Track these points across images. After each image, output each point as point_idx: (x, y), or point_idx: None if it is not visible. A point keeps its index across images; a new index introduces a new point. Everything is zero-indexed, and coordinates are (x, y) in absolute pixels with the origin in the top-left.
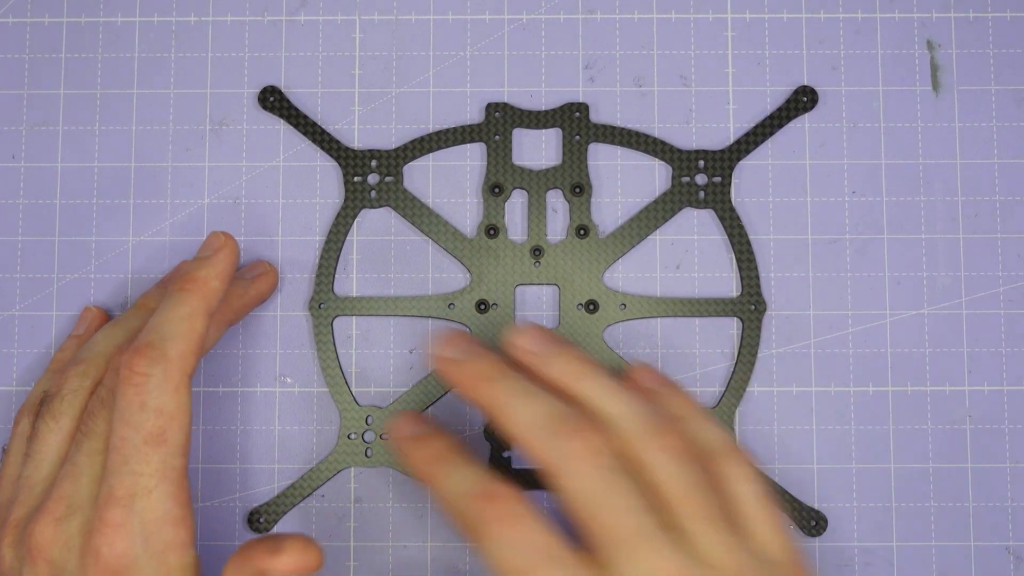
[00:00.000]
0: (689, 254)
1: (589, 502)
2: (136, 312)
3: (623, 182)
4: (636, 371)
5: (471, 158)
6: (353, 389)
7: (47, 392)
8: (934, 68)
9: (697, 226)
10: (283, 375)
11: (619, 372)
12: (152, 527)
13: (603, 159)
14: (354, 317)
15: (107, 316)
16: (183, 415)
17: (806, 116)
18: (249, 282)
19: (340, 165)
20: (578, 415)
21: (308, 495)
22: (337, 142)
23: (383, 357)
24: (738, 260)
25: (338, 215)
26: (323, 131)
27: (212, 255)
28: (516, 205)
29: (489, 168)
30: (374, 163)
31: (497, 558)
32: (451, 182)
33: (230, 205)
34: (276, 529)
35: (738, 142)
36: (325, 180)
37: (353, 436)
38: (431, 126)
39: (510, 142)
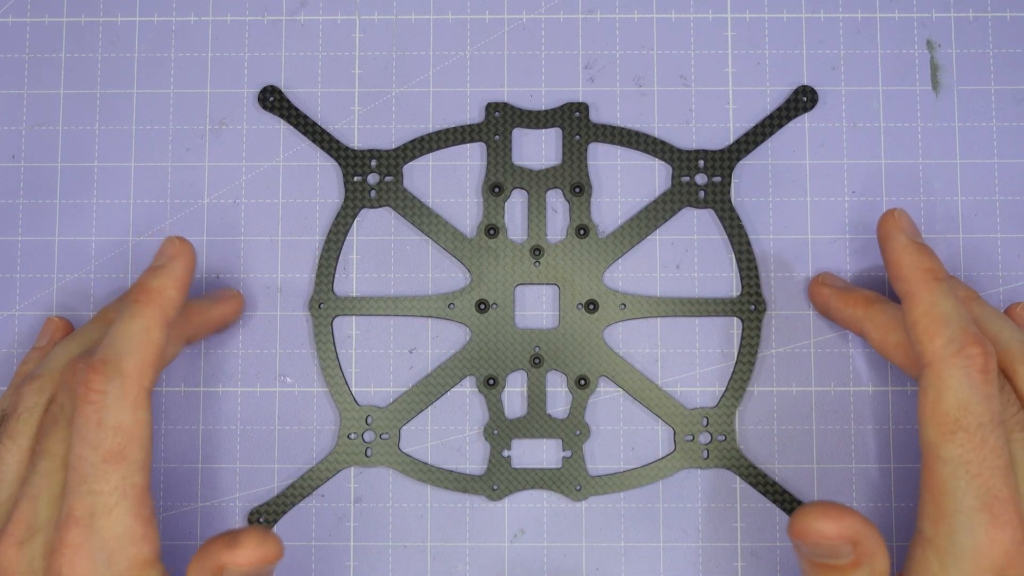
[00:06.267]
0: (689, 254)
1: (962, 399)
2: (95, 325)
3: (623, 182)
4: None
5: (471, 158)
6: (353, 389)
7: (4, 411)
8: (934, 68)
9: (697, 226)
10: (283, 375)
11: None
12: (114, 545)
13: (603, 159)
14: (354, 317)
15: (71, 326)
16: (142, 431)
17: (806, 116)
18: (213, 302)
19: (340, 165)
20: (979, 330)
21: (308, 495)
22: (337, 142)
23: (383, 357)
24: (738, 260)
25: (338, 215)
26: (323, 131)
27: (167, 263)
28: (516, 205)
29: (489, 168)
30: (374, 163)
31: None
32: (451, 182)
33: (230, 205)
34: (276, 529)
35: (738, 142)
36: (325, 180)
37: (353, 436)
38: (431, 126)
39: (510, 142)
